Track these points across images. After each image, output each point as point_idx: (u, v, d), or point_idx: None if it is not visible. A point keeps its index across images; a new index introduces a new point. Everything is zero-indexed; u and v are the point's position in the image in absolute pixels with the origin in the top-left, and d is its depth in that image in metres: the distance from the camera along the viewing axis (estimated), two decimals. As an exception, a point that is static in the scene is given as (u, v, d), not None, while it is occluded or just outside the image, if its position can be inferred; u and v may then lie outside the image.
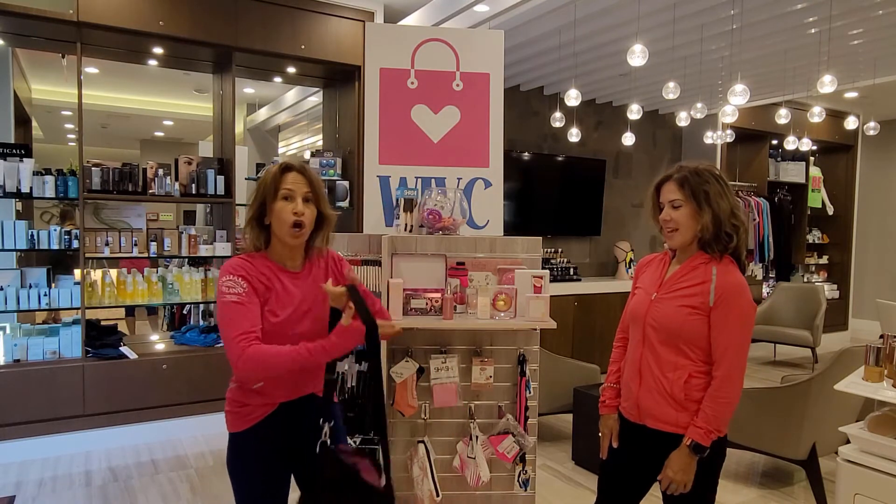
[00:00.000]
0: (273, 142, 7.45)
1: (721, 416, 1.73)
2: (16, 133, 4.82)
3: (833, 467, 2.59)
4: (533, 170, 6.23)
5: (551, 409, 4.05)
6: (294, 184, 1.71)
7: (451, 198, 2.94)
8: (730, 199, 1.79)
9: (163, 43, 4.09)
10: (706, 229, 1.77)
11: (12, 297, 3.72)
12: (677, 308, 1.79)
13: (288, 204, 1.70)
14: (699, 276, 1.79)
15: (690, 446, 1.74)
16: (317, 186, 1.75)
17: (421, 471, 2.65)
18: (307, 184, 1.72)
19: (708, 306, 1.75)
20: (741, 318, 1.74)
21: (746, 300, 1.75)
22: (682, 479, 1.75)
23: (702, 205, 1.76)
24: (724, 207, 1.76)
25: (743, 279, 1.77)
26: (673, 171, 1.84)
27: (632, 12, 4.14)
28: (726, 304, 1.73)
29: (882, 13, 4.12)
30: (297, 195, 1.71)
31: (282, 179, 1.71)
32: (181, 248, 4.22)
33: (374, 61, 3.44)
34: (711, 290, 1.74)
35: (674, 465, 1.76)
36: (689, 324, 1.76)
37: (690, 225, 1.79)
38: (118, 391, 3.94)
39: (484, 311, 2.63)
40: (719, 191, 1.77)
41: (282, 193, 1.70)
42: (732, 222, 1.77)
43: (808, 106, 6.33)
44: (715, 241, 1.78)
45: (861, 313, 8.57)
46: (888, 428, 2.35)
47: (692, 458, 1.75)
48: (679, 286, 1.81)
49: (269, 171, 1.74)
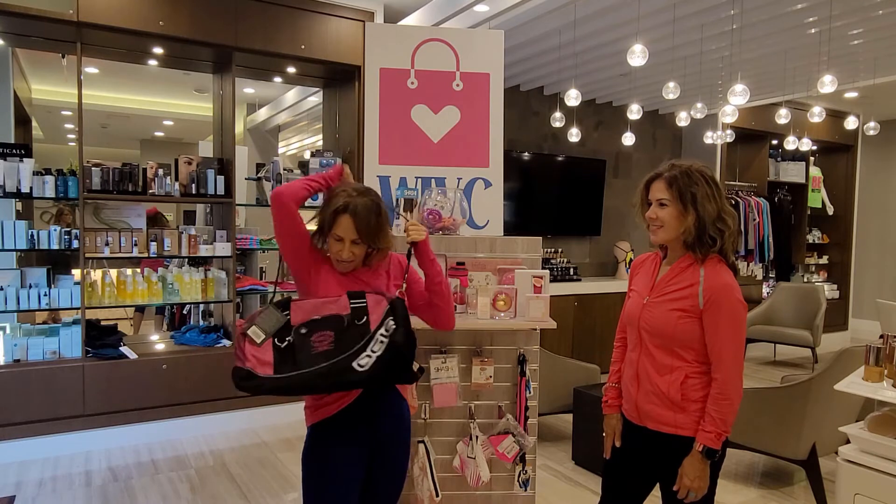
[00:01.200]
0: (273, 142, 7.46)
1: (727, 418, 1.74)
2: (16, 133, 4.81)
3: (833, 467, 2.59)
4: (533, 170, 6.23)
5: (551, 409, 4.05)
6: (344, 231, 1.78)
7: (451, 198, 2.94)
8: (717, 202, 1.77)
9: (163, 43, 4.09)
10: (689, 232, 1.77)
11: (12, 297, 3.71)
12: (668, 312, 1.79)
13: (337, 244, 1.81)
14: (687, 278, 1.79)
15: (703, 452, 1.74)
16: (367, 230, 1.79)
17: (421, 471, 2.65)
18: (356, 230, 1.78)
19: (698, 309, 1.75)
20: (732, 319, 1.73)
21: (736, 299, 1.74)
22: (700, 485, 1.76)
23: (687, 206, 1.76)
24: (709, 210, 1.75)
25: (731, 279, 1.77)
26: (664, 170, 1.83)
27: (632, 12, 4.14)
28: (716, 306, 1.73)
29: (882, 13, 4.12)
30: (346, 240, 1.79)
31: (334, 223, 1.79)
32: (181, 248, 4.22)
33: (374, 61, 3.44)
34: (700, 293, 1.74)
35: (689, 474, 1.76)
36: (681, 327, 1.76)
37: (674, 225, 1.79)
38: (118, 391, 3.94)
39: (484, 311, 2.63)
40: (707, 193, 1.76)
41: (334, 235, 1.80)
42: (718, 226, 1.76)
43: (808, 106, 6.33)
44: (698, 244, 1.77)
45: (861, 313, 8.57)
46: (888, 428, 2.35)
47: (705, 463, 1.75)
48: (668, 290, 1.82)
49: (328, 206, 1.82)
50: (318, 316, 1.74)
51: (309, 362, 1.68)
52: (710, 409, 1.74)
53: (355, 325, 1.73)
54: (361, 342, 1.70)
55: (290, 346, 1.69)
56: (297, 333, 1.71)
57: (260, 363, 1.69)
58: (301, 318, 1.74)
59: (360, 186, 1.86)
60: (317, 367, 1.67)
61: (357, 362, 1.68)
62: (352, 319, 1.73)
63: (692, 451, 1.75)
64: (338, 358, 1.68)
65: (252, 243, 4.48)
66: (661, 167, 1.86)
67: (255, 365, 1.69)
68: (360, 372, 1.67)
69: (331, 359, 1.68)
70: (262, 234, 4.65)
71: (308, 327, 1.72)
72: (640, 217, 1.90)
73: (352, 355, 1.69)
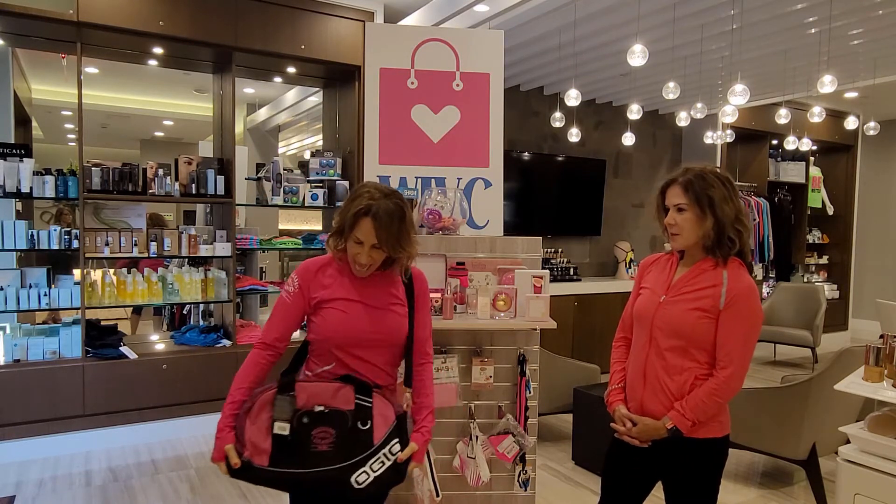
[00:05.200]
0: (273, 142, 7.45)
1: (711, 413, 1.76)
2: (16, 133, 4.81)
3: (833, 467, 2.59)
4: (533, 170, 6.23)
5: (551, 409, 4.05)
6: (365, 235, 1.69)
7: (451, 198, 2.94)
8: (735, 203, 1.78)
9: (163, 43, 4.09)
10: (708, 236, 1.77)
11: (12, 297, 3.71)
12: (688, 311, 1.78)
13: (356, 247, 1.72)
14: (710, 279, 1.78)
15: (671, 430, 1.77)
16: (388, 236, 1.70)
17: (421, 471, 2.65)
18: (376, 236, 1.69)
19: (718, 309, 1.75)
20: (749, 322, 1.74)
21: (757, 305, 1.76)
22: (641, 440, 1.83)
23: (705, 210, 1.76)
24: (728, 212, 1.75)
25: (753, 283, 1.78)
26: (678, 174, 1.83)
27: (632, 12, 4.14)
28: (737, 307, 1.73)
29: (882, 13, 4.12)
30: (366, 244, 1.70)
31: (355, 225, 1.70)
32: (181, 248, 4.22)
33: (374, 61, 3.44)
34: (723, 294, 1.74)
35: (643, 432, 1.81)
36: (699, 327, 1.76)
37: (694, 229, 1.79)
38: (118, 391, 3.94)
39: (484, 311, 2.63)
40: (724, 195, 1.76)
41: (353, 237, 1.71)
42: (736, 227, 1.76)
43: (808, 106, 6.33)
44: (718, 247, 1.77)
45: (861, 313, 8.57)
46: (888, 428, 2.35)
47: (663, 437, 1.79)
48: (689, 289, 1.81)
49: (349, 207, 1.72)
50: (323, 407, 1.68)
51: (308, 461, 1.64)
52: (700, 398, 1.74)
53: (358, 430, 1.67)
54: (363, 454, 1.65)
55: (290, 436, 1.65)
56: (299, 420, 1.66)
57: (257, 451, 1.66)
58: (304, 402, 1.69)
59: (384, 187, 1.76)
60: (315, 470, 1.63)
61: (356, 478, 1.63)
62: (355, 421, 1.67)
63: (659, 424, 1.79)
64: (337, 465, 1.64)
65: (252, 243, 4.48)
66: (674, 172, 1.85)
67: (252, 453, 1.66)
68: (357, 489, 1.63)
69: (331, 463, 1.64)
70: (262, 234, 4.65)
71: (310, 418, 1.67)
72: (659, 223, 1.89)
73: (351, 466, 1.64)
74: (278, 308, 1.81)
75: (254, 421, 1.68)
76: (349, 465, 1.64)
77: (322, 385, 1.71)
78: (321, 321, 1.77)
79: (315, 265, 1.82)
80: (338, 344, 1.75)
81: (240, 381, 1.75)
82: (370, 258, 1.73)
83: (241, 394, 1.73)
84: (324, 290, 1.78)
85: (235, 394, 1.73)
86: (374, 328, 1.77)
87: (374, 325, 1.77)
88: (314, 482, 1.64)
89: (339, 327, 1.75)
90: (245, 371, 1.77)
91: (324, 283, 1.79)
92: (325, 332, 1.76)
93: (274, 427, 1.65)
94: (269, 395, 1.70)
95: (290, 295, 1.79)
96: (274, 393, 1.70)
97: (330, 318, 1.76)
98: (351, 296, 1.78)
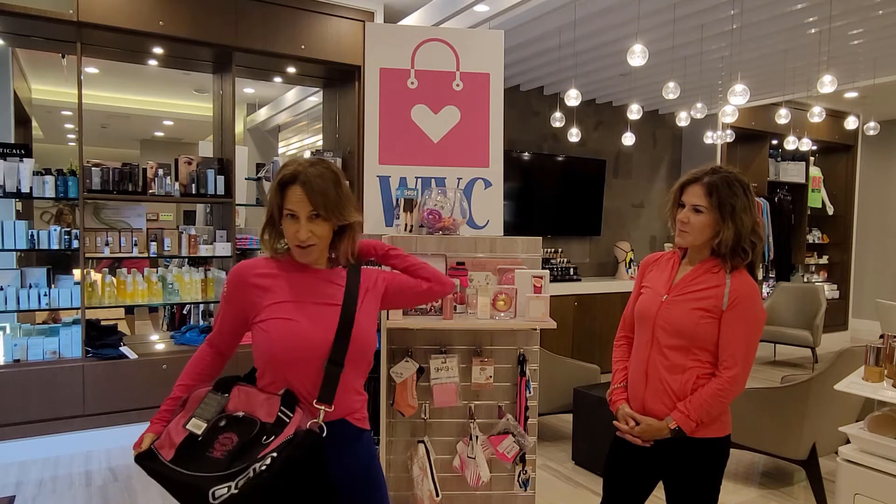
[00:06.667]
0: (273, 142, 7.45)
1: (714, 413, 1.76)
2: (16, 133, 4.82)
3: (833, 467, 2.59)
4: (533, 170, 6.23)
5: (551, 409, 4.05)
6: (296, 203, 1.49)
7: (451, 198, 2.94)
8: (753, 214, 1.77)
9: (163, 43, 4.09)
10: (725, 244, 1.76)
11: (12, 297, 3.72)
12: (690, 311, 1.78)
13: (292, 224, 1.51)
14: (713, 279, 1.78)
15: (674, 431, 1.76)
16: (325, 200, 1.50)
17: (421, 471, 2.65)
18: (310, 202, 1.48)
19: (720, 309, 1.75)
20: (752, 322, 1.74)
21: (759, 305, 1.76)
22: (643, 440, 1.82)
23: (725, 218, 1.74)
24: (746, 223, 1.75)
25: (756, 285, 1.78)
26: (703, 174, 1.79)
27: (632, 12, 4.14)
28: (740, 307, 1.73)
29: (882, 13, 4.12)
30: (301, 215, 1.50)
31: (283, 197, 1.51)
32: (181, 248, 4.22)
33: (373, 61, 3.43)
34: (726, 294, 1.74)
35: (646, 432, 1.80)
36: (701, 326, 1.76)
37: (705, 231, 1.78)
38: (118, 391, 3.94)
39: (484, 311, 2.62)
40: (745, 205, 1.75)
41: (286, 212, 1.52)
42: (751, 239, 1.76)
43: (808, 106, 6.32)
44: (731, 256, 1.76)
45: (861, 313, 8.57)
46: (888, 428, 2.35)
47: (665, 437, 1.78)
48: (692, 289, 1.80)
49: (272, 185, 1.55)
50: (242, 412, 1.50)
51: (194, 464, 1.45)
52: (702, 400, 1.74)
53: (257, 444, 1.44)
54: (238, 468, 1.40)
55: (200, 436, 1.48)
56: (216, 422, 1.49)
57: (169, 444, 1.52)
58: (234, 406, 1.52)
59: (310, 158, 1.57)
60: (192, 475, 1.44)
61: (215, 490, 1.38)
62: (261, 435, 1.45)
63: (662, 424, 1.78)
64: (202, 474, 1.43)
65: (252, 243, 4.48)
66: (698, 170, 1.81)
67: (163, 444, 1.52)
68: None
69: (210, 471, 1.42)
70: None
71: (228, 421, 1.49)
72: (670, 217, 1.87)
73: (218, 479, 1.41)
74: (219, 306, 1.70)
75: (183, 415, 1.58)
76: (217, 476, 1.41)
77: (261, 396, 1.53)
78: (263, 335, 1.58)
79: (246, 266, 1.63)
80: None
81: (182, 377, 1.71)
82: (310, 233, 1.51)
83: (181, 390, 1.67)
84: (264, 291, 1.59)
85: (176, 390, 1.68)
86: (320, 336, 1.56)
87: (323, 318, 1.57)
88: (175, 486, 1.49)
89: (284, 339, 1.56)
90: (188, 367, 1.72)
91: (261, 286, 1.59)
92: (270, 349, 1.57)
93: (189, 423, 1.51)
94: (202, 391, 1.59)
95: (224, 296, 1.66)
96: (208, 390, 1.58)
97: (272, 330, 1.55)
98: (298, 293, 1.58)
